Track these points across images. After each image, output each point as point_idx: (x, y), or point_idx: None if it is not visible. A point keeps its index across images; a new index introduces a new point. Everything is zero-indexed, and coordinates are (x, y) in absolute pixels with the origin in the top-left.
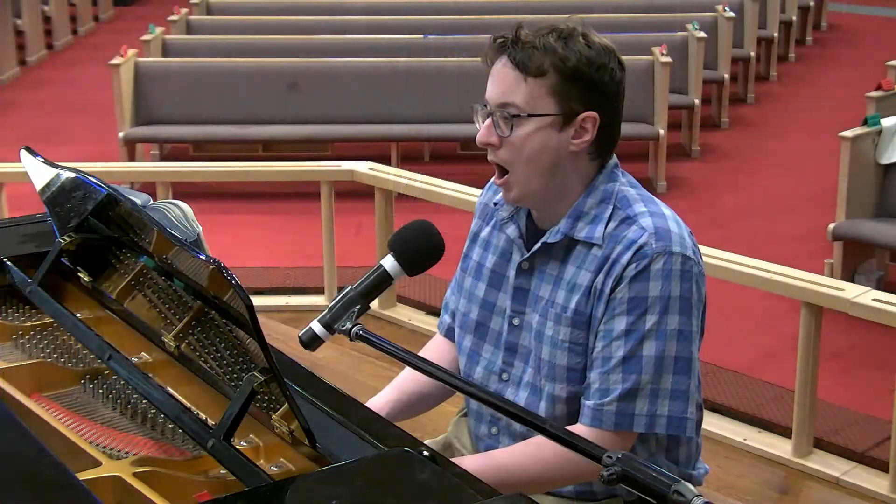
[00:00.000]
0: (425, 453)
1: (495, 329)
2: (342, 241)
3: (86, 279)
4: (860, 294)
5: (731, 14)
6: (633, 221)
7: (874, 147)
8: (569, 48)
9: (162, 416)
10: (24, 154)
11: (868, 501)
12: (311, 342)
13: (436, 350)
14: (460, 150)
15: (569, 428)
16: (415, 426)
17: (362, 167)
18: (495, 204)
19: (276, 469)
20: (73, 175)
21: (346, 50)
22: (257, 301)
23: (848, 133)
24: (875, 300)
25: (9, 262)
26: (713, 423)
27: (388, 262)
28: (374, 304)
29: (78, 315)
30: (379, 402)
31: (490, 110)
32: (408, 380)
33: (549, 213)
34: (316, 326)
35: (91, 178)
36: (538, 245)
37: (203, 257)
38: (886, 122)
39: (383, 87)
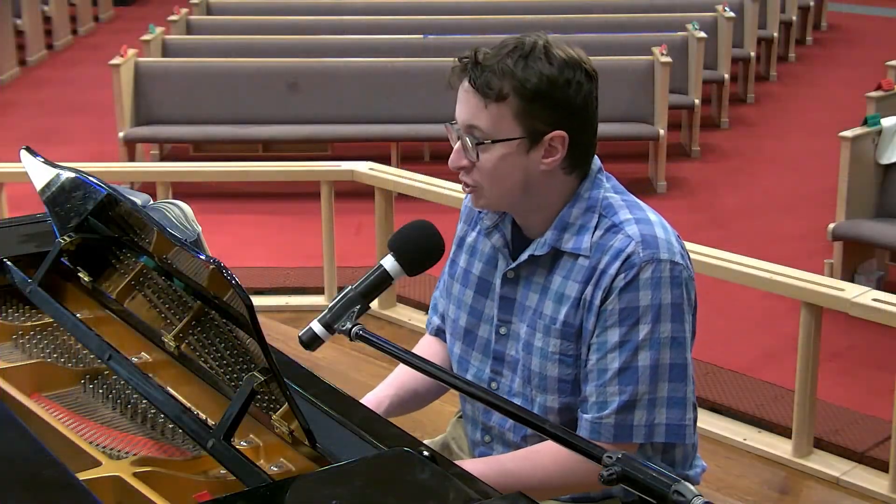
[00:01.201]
0: (425, 453)
1: (483, 337)
2: (342, 241)
3: (86, 279)
4: (860, 294)
5: (731, 14)
6: (619, 230)
7: (874, 147)
8: (529, 69)
9: (162, 416)
10: (24, 154)
11: (868, 501)
12: (311, 342)
13: (427, 348)
14: None
15: None
16: (415, 426)
17: (362, 167)
18: (480, 210)
19: (276, 469)
20: (73, 175)
21: (346, 50)
22: (257, 301)
23: (848, 133)
24: (875, 300)
25: (9, 262)
26: (713, 423)
27: (388, 262)
28: (374, 304)
29: (78, 315)
30: (374, 399)
31: (459, 132)
32: (401, 376)
33: (530, 223)
34: (316, 326)
35: (91, 178)
36: (524, 257)
37: (203, 257)
38: (886, 122)
39: (383, 87)
